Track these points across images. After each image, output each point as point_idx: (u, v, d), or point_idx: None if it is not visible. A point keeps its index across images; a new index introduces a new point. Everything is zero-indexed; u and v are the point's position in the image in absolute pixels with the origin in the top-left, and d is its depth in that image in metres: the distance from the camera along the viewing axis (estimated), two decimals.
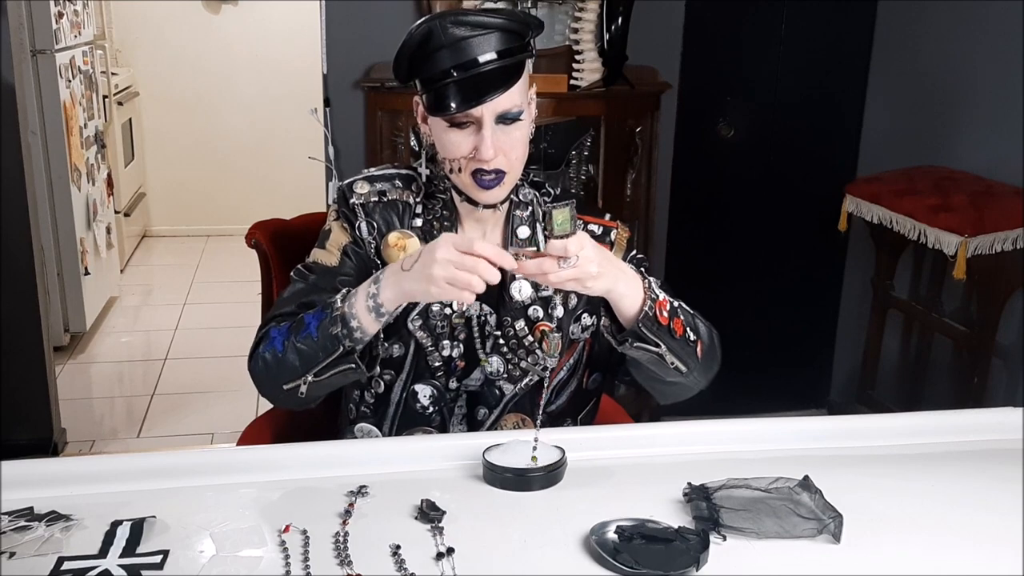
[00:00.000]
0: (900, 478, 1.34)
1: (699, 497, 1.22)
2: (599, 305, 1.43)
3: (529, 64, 1.40)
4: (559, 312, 1.49)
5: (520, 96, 1.37)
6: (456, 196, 1.47)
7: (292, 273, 1.50)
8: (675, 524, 1.17)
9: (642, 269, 1.43)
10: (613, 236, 1.53)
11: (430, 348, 1.47)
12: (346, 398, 1.57)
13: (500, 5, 2.88)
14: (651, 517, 1.18)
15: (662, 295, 1.37)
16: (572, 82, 2.90)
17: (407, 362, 1.48)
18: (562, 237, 1.24)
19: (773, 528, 1.16)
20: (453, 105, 1.34)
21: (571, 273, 1.25)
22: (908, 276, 3.06)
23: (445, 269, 1.24)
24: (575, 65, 2.91)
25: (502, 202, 1.45)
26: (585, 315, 1.52)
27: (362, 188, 1.49)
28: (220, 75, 5.70)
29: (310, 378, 1.36)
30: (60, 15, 3.82)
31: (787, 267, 3.47)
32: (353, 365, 1.34)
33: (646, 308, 1.33)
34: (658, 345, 1.35)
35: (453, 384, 1.49)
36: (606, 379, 1.62)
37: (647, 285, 1.35)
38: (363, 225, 1.47)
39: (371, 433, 1.52)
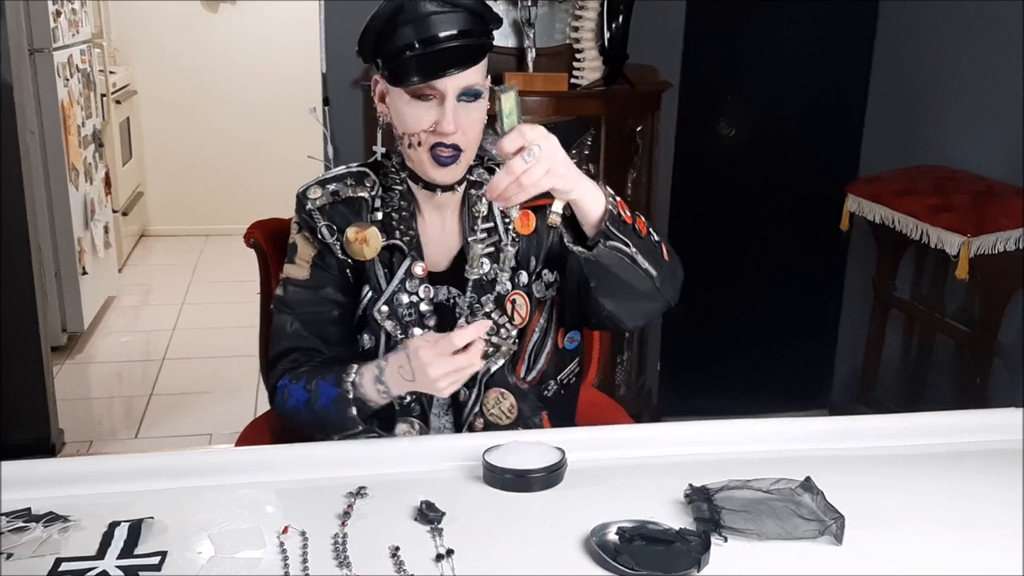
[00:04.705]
0: (902, 479, 1.34)
1: (700, 498, 1.22)
2: (557, 261, 1.50)
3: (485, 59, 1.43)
4: (523, 279, 1.51)
5: (482, 77, 1.41)
6: (413, 185, 1.49)
7: (272, 306, 1.54)
8: (676, 525, 1.16)
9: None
10: None
11: (400, 337, 1.48)
12: None
13: (499, 5, 2.87)
14: (652, 518, 1.17)
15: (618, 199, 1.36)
16: (572, 81, 2.89)
17: (379, 353, 1.49)
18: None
19: (774, 529, 1.16)
20: (419, 76, 1.36)
21: (542, 166, 1.18)
22: (910, 276, 3.05)
23: (447, 380, 1.32)
24: (575, 64, 2.90)
25: (458, 183, 1.47)
26: (546, 271, 1.53)
27: (315, 193, 1.51)
28: (218, 74, 5.69)
29: (336, 438, 1.45)
30: (58, 14, 3.82)
31: (788, 267, 3.46)
32: (375, 433, 1.45)
33: (609, 207, 1.29)
34: (627, 244, 1.31)
35: None
36: (583, 340, 1.63)
37: (604, 188, 1.32)
38: (324, 228, 1.49)
39: None
